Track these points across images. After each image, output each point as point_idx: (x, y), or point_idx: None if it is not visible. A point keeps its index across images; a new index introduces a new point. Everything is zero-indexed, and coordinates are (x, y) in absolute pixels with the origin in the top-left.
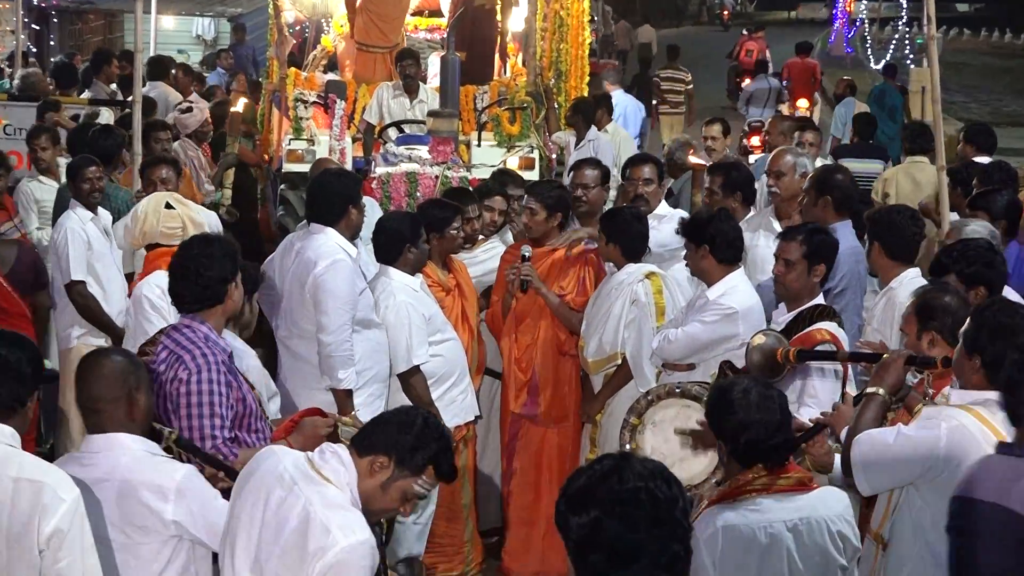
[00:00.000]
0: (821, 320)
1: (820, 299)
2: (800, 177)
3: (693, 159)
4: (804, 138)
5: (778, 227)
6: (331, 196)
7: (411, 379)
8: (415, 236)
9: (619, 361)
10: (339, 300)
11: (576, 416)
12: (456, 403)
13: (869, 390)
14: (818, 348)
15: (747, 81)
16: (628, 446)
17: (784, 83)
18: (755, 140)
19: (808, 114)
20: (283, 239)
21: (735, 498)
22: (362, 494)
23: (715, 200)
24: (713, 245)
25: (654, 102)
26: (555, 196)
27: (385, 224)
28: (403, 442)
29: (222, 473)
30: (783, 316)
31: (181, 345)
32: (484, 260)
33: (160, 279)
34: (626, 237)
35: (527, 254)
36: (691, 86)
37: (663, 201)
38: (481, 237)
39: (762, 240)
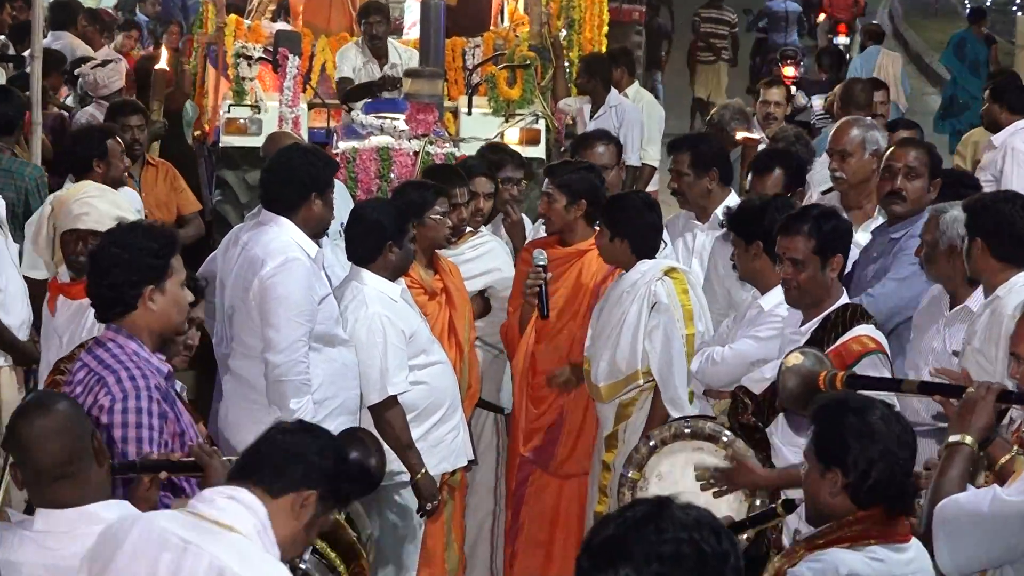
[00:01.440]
0: (856, 324)
1: (845, 297)
2: (871, 156)
3: (743, 133)
4: (875, 98)
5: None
6: (291, 179)
7: (386, 413)
8: (400, 231)
9: (640, 382)
10: (291, 309)
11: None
12: (444, 444)
13: (952, 439)
14: (865, 370)
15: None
16: None
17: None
18: (789, 70)
19: (844, 50)
20: (226, 232)
21: (852, 543)
22: (281, 541)
23: (684, 183)
24: (769, 241)
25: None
26: (579, 180)
27: (363, 214)
28: (325, 469)
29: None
30: (804, 326)
31: (104, 364)
32: (471, 258)
33: None
34: (636, 229)
35: (541, 262)
36: (736, 29)
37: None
38: (468, 229)
39: None
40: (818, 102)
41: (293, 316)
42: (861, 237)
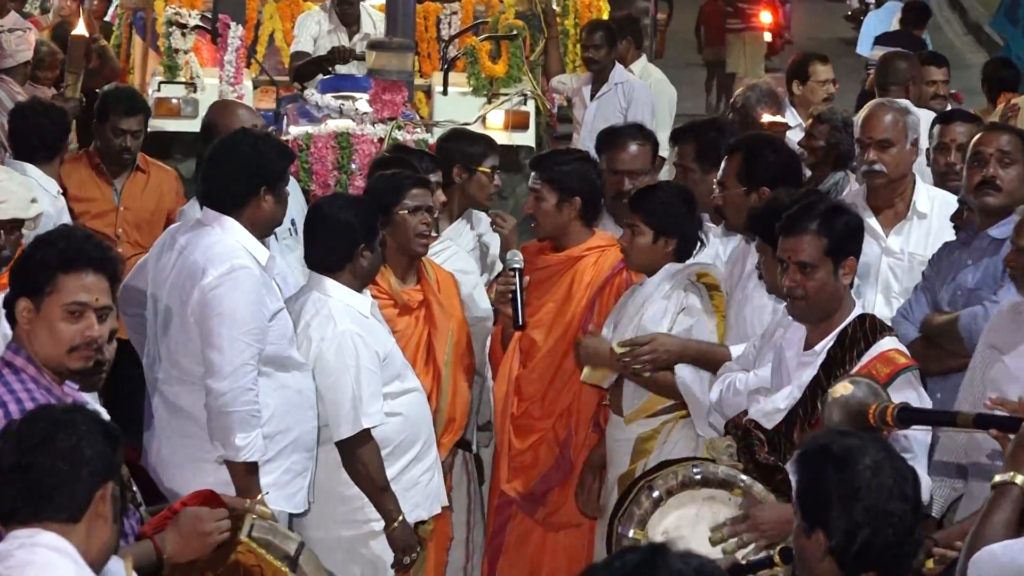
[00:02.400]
0: (879, 337)
1: (859, 307)
2: (912, 146)
3: (769, 117)
4: (931, 76)
5: (877, 226)
6: (238, 170)
7: (359, 450)
8: (370, 231)
9: (668, 403)
10: (238, 327)
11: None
12: (419, 487)
13: (999, 478)
14: (901, 390)
15: None
16: None
17: None
18: None
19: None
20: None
21: None
22: (99, 554)
23: (690, 179)
24: (856, 254)
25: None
26: (572, 173)
27: (328, 213)
28: (104, 456)
29: None
30: (818, 345)
31: None
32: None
33: None
34: (687, 228)
35: (516, 264)
36: None
37: None
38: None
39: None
40: None
41: (240, 335)
42: (894, 242)
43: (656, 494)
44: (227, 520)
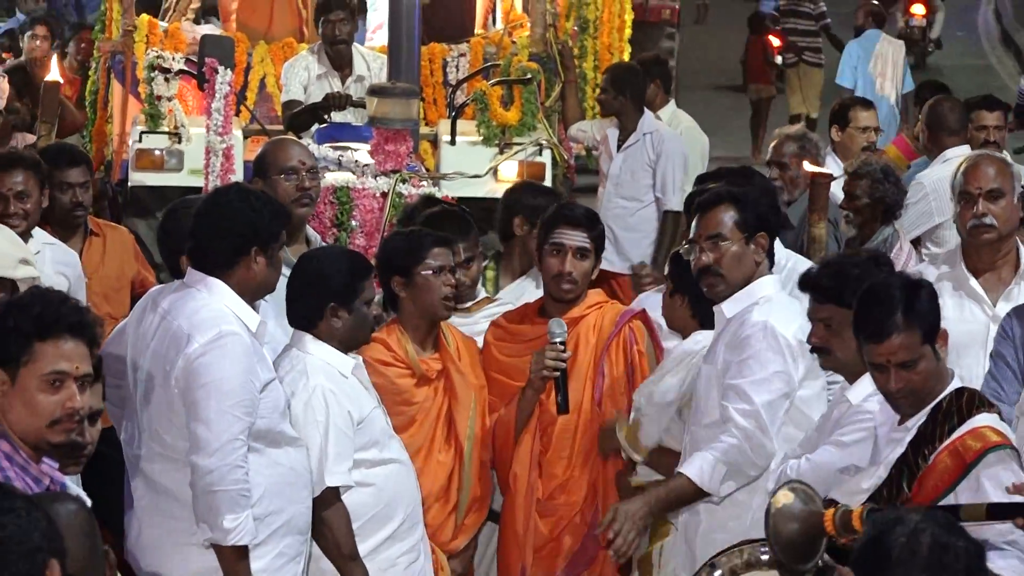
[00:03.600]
0: (975, 413)
1: (957, 381)
2: (1018, 201)
3: (811, 167)
4: (983, 121)
5: (980, 290)
6: (227, 229)
7: (324, 512)
8: (350, 288)
9: (638, 458)
10: (226, 399)
11: None
12: (396, 570)
13: None
14: (991, 468)
15: None
16: None
17: None
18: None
19: (923, 23)
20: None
21: None
22: None
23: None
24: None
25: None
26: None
27: (304, 266)
28: (54, 540)
29: None
30: (909, 421)
31: None
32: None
33: None
34: (695, 286)
35: (560, 337)
36: (826, 20)
37: None
38: (484, 295)
39: (951, 307)
40: None
41: (228, 408)
42: (1003, 309)
43: (718, 572)
44: None
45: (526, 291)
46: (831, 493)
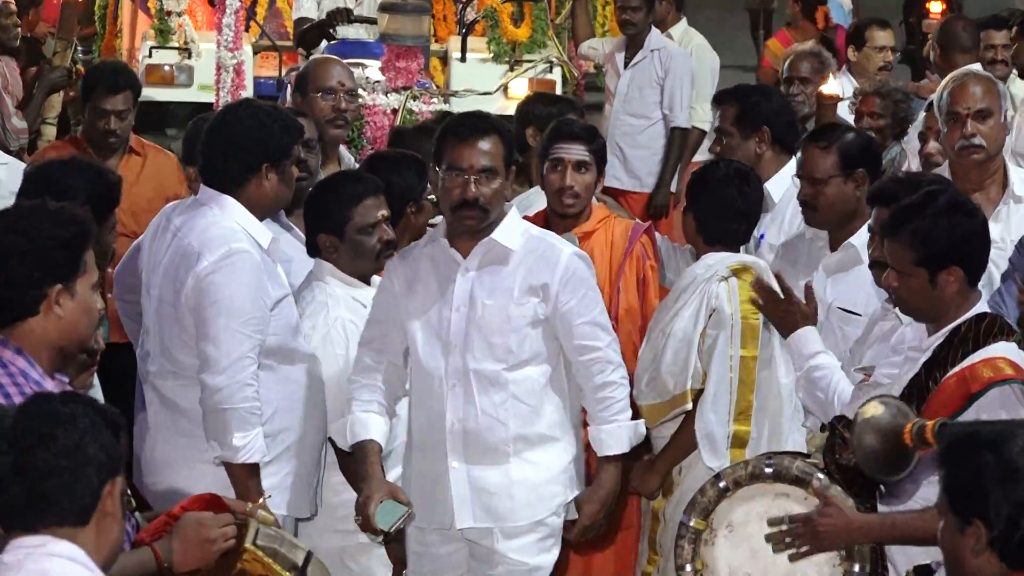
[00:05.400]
0: (992, 340)
1: (982, 305)
2: (1004, 120)
3: (827, 87)
4: (991, 40)
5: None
6: (237, 145)
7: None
8: (341, 217)
9: (688, 406)
10: (236, 317)
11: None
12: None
13: None
14: (991, 404)
15: None
16: (688, 567)
17: None
18: (935, 6)
19: None
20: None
21: None
22: (109, 557)
23: (727, 145)
24: (970, 262)
25: None
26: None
27: (322, 191)
28: (111, 450)
29: None
30: (930, 338)
31: None
32: None
33: None
34: (707, 204)
35: None
36: None
37: None
38: None
39: None
40: None
41: (237, 326)
42: (993, 229)
43: (722, 484)
44: (232, 526)
45: (535, 197)
46: (845, 409)
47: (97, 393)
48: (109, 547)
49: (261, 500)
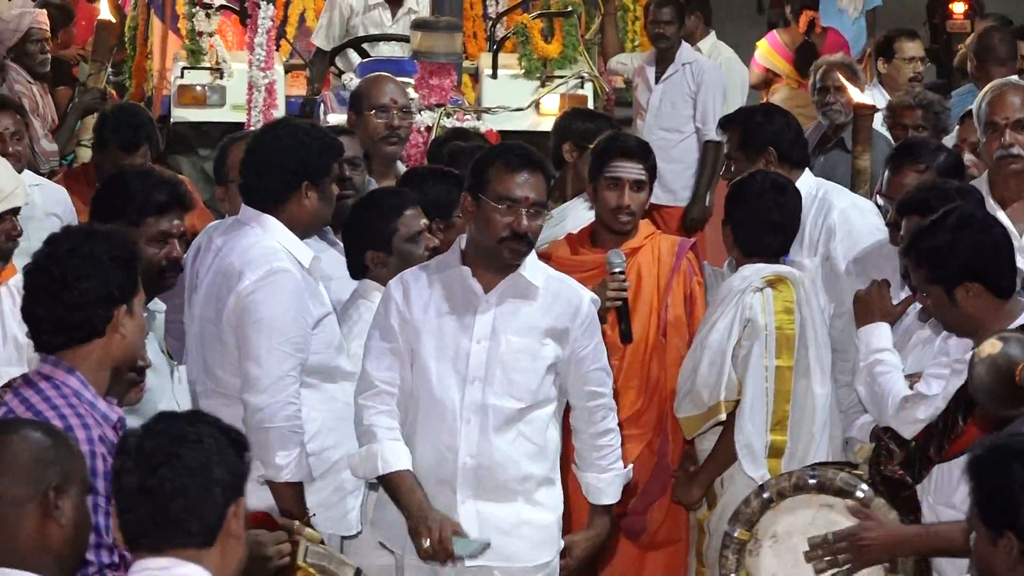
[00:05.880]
0: None
1: None
2: None
3: (855, 94)
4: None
5: (1008, 222)
6: (276, 164)
7: None
8: (383, 231)
9: (722, 416)
10: (277, 336)
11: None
12: None
13: None
14: None
15: None
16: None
17: None
18: (958, 6)
19: None
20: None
21: None
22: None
23: (732, 172)
24: (988, 276)
25: None
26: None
27: (361, 210)
28: (235, 471)
29: None
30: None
31: (33, 408)
32: None
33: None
34: (744, 216)
35: (619, 268)
36: None
37: None
38: None
39: None
40: None
41: (278, 344)
42: None
43: (766, 495)
44: (288, 544)
45: (571, 211)
46: (889, 421)
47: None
48: (233, 568)
49: (307, 518)
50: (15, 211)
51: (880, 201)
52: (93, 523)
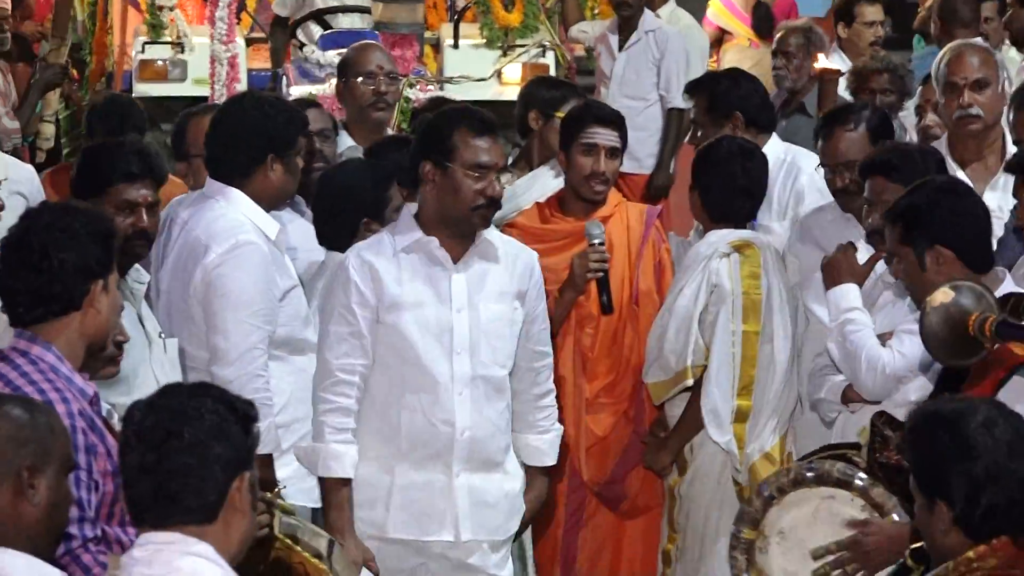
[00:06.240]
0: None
1: (1008, 283)
2: (1003, 89)
3: (821, 62)
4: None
5: (967, 181)
6: (241, 137)
7: None
8: (378, 200)
9: (689, 382)
10: (244, 309)
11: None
12: None
13: None
14: (1017, 389)
15: None
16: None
17: None
18: None
19: None
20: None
21: None
22: (238, 550)
23: (700, 137)
24: (960, 243)
25: None
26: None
27: (330, 181)
28: (240, 446)
29: None
30: None
31: (11, 384)
32: None
33: None
34: (711, 181)
35: (599, 239)
36: None
37: None
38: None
39: None
40: None
41: (246, 317)
42: (991, 199)
43: (767, 492)
44: (266, 515)
45: (538, 179)
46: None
47: None
48: (238, 542)
49: (277, 490)
50: None
51: (822, 172)
52: (76, 498)
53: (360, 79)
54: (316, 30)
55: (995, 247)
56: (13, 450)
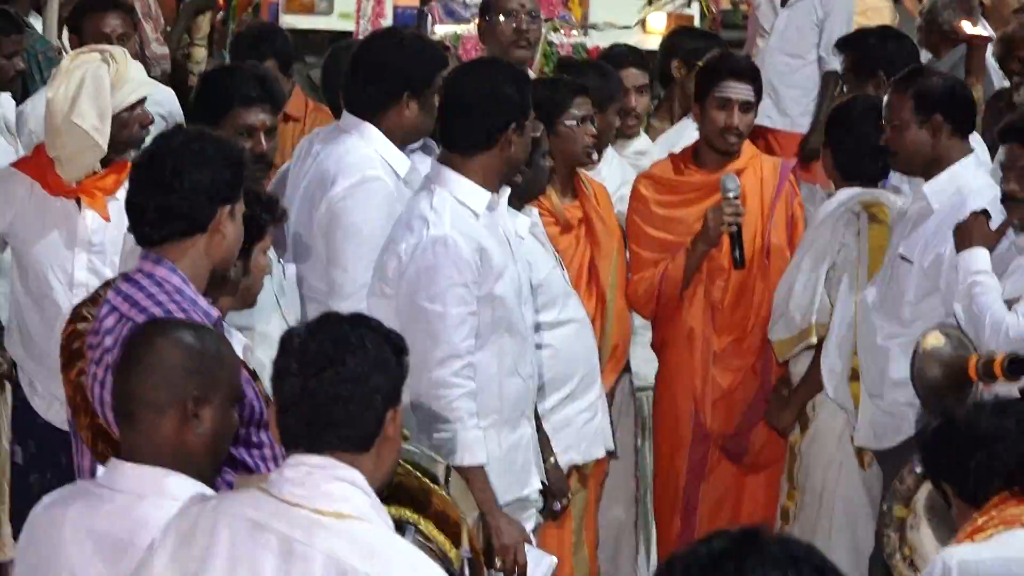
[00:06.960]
0: None
1: None
2: None
3: (969, 27)
4: None
5: None
6: (379, 73)
7: None
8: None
9: (813, 340)
10: (364, 244)
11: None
12: (573, 428)
13: None
14: None
15: None
16: (897, 555)
17: None
18: None
19: None
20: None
21: (973, 537)
22: (384, 480)
23: (849, 91)
24: None
25: None
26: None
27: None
28: (394, 376)
29: None
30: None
31: (138, 306)
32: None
33: None
34: (843, 139)
35: (734, 192)
36: None
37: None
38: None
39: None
40: None
41: (366, 252)
42: None
43: (919, 469)
44: None
45: (685, 133)
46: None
47: None
48: (385, 473)
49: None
50: (143, 100)
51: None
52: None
53: (502, 17)
54: None
55: None
56: (182, 379)
